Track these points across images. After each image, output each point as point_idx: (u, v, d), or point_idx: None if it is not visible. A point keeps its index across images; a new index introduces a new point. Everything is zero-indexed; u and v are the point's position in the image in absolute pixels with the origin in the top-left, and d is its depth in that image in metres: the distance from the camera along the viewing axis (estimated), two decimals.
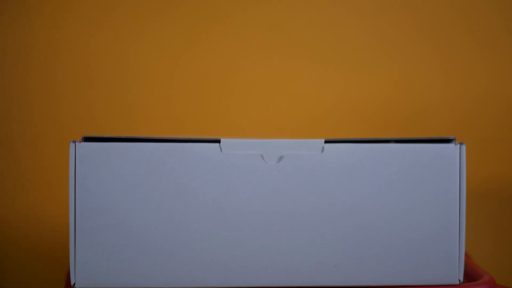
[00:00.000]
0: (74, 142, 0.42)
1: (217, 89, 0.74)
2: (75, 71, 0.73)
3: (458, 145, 0.43)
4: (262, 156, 0.42)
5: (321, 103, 0.75)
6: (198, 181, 0.42)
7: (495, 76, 0.75)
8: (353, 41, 0.75)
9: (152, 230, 0.42)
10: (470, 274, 0.47)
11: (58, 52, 0.73)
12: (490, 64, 0.75)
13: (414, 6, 0.75)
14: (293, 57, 0.75)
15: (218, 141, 0.42)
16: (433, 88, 0.75)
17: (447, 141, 0.43)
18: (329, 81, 0.75)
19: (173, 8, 0.74)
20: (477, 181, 0.74)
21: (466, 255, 0.48)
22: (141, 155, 0.42)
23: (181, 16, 0.74)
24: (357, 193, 0.42)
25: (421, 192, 0.43)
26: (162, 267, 0.42)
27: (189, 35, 0.74)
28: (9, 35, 0.72)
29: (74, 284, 0.42)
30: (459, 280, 0.43)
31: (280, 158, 0.42)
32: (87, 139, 0.42)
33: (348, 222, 0.42)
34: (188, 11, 0.74)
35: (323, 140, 0.43)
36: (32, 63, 0.73)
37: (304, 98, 0.75)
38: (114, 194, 0.42)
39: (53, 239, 0.72)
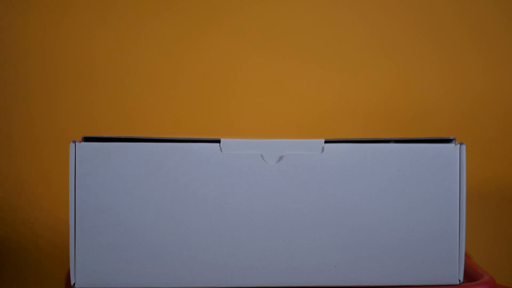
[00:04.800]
0: (74, 142, 0.42)
1: (217, 89, 0.74)
2: (75, 71, 0.73)
3: (458, 145, 0.43)
4: (262, 156, 0.42)
5: (321, 103, 0.75)
6: (198, 181, 0.42)
7: (495, 76, 0.75)
8: (353, 41, 0.75)
9: (152, 230, 0.42)
10: (470, 274, 0.47)
11: (58, 52, 0.73)
12: (489, 64, 0.75)
13: (413, 6, 0.75)
14: (293, 57, 0.75)
15: (218, 141, 0.42)
16: (433, 88, 0.75)
17: (447, 141, 0.43)
18: (329, 81, 0.75)
19: (173, 8, 0.74)
20: (477, 181, 0.74)
21: (466, 255, 0.48)
22: (141, 155, 0.42)
23: (181, 16, 0.74)
24: (357, 193, 0.42)
25: (421, 192, 0.43)
26: (162, 267, 0.42)
27: (189, 35, 0.74)
28: (9, 35, 0.72)
29: (74, 284, 0.42)
30: (459, 280, 0.43)
31: (280, 158, 0.42)
32: (87, 139, 0.42)
33: (348, 222, 0.42)
34: (188, 11, 0.74)
35: (323, 140, 0.43)
36: (32, 63, 0.73)
37: (304, 98, 0.75)
38: (114, 194, 0.42)
39: (53, 239, 0.72)
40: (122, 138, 0.42)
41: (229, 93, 0.75)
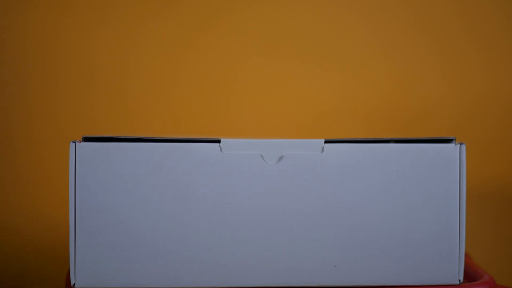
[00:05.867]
0: (74, 142, 0.42)
1: (217, 89, 0.74)
2: (75, 71, 0.73)
3: (458, 145, 0.43)
4: (262, 156, 0.42)
5: (321, 103, 0.75)
6: (198, 181, 0.42)
7: (495, 76, 0.75)
8: (353, 41, 0.75)
9: (152, 230, 0.42)
10: (470, 274, 0.47)
11: (58, 52, 0.73)
12: (489, 64, 0.75)
13: (413, 6, 0.75)
14: (292, 57, 0.75)
15: (218, 141, 0.42)
16: (433, 88, 0.75)
17: (447, 141, 0.43)
18: (329, 81, 0.75)
19: (173, 8, 0.74)
20: (477, 181, 0.74)
21: (466, 255, 0.48)
22: (141, 155, 0.42)
23: (181, 16, 0.74)
24: (357, 193, 0.42)
25: (421, 192, 0.43)
26: (162, 267, 0.42)
27: (189, 35, 0.74)
28: (9, 35, 0.72)
29: (74, 284, 0.42)
30: (459, 280, 0.43)
31: (280, 158, 0.42)
32: (87, 139, 0.42)
33: (348, 222, 0.42)
34: (188, 11, 0.74)
35: (323, 140, 0.43)
36: (32, 63, 0.73)
37: (304, 98, 0.75)
38: (114, 194, 0.42)
39: (53, 239, 0.72)
40: (122, 138, 0.42)
41: (229, 93, 0.75)
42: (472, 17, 0.75)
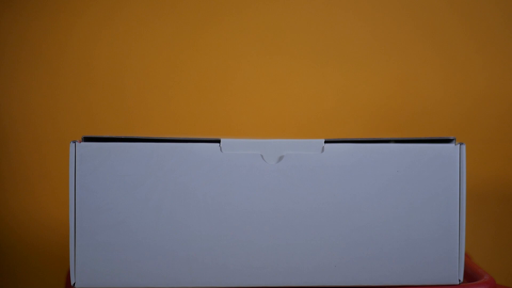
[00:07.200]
0: (74, 142, 0.42)
1: (217, 89, 0.74)
2: (75, 71, 0.73)
3: (458, 145, 0.43)
4: (262, 156, 0.42)
5: (321, 103, 0.75)
6: (198, 181, 0.42)
7: (495, 76, 0.75)
8: (353, 41, 0.75)
9: (152, 230, 0.42)
10: (470, 274, 0.47)
11: (58, 52, 0.73)
12: (490, 64, 0.75)
13: (414, 6, 0.75)
14: (293, 57, 0.75)
15: (218, 141, 0.42)
16: (433, 88, 0.75)
17: (447, 141, 0.43)
18: (329, 81, 0.75)
19: (173, 8, 0.74)
20: (477, 181, 0.74)
21: (466, 255, 0.48)
22: (141, 155, 0.42)
23: (180, 17, 0.74)
24: (357, 193, 0.42)
25: (421, 192, 0.43)
26: (162, 267, 0.42)
27: (188, 35, 0.74)
28: (10, 36, 0.72)
29: (74, 284, 0.42)
30: (459, 280, 0.43)
31: (280, 158, 0.42)
32: (87, 139, 0.42)
33: (348, 222, 0.42)
34: (188, 11, 0.74)
35: (323, 140, 0.43)
36: (32, 63, 0.73)
37: (304, 98, 0.75)
38: (114, 194, 0.42)
39: (53, 239, 0.72)
40: (122, 138, 0.42)
41: (229, 93, 0.75)
42: (472, 17, 0.75)
